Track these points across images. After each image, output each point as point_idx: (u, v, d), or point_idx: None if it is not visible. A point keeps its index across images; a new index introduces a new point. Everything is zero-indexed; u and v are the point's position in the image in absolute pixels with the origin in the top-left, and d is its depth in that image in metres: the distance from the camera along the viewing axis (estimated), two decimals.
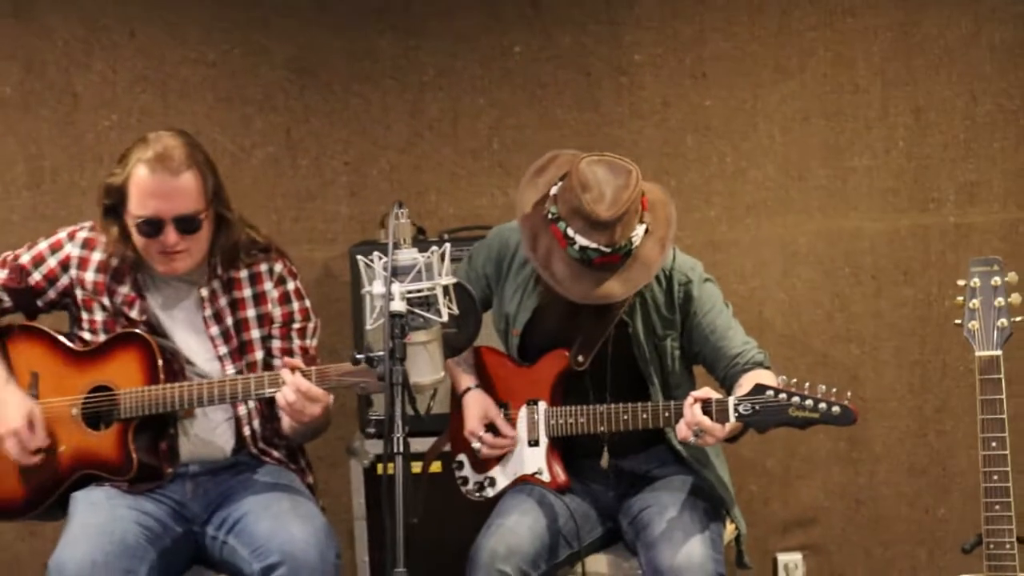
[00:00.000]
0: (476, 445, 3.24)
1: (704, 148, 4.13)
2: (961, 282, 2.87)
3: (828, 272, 4.17)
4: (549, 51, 4.09)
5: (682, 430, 2.93)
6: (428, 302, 2.51)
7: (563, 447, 3.24)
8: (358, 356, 2.57)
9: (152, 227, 3.03)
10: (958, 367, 4.15)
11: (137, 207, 3.03)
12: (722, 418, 2.88)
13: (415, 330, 2.50)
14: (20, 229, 4.01)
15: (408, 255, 2.51)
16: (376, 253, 2.55)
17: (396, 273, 2.49)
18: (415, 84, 4.10)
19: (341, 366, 2.95)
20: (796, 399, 2.84)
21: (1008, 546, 2.79)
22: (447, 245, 2.61)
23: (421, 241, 3.61)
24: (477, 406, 3.27)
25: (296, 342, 3.25)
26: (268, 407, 3.19)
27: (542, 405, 3.21)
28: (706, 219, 4.12)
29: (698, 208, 4.10)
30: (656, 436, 3.21)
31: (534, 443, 3.22)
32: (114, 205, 3.10)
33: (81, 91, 4.07)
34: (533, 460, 3.22)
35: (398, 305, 2.46)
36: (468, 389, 3.31)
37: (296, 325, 3.25)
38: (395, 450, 2.37)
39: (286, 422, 3.10)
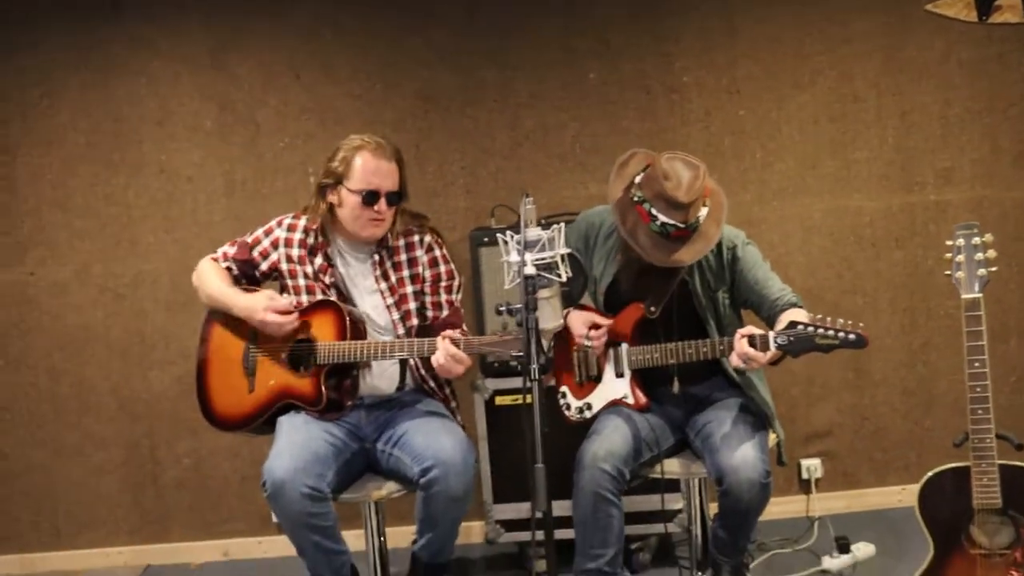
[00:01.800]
0: (587, 343, 3.23)
1: (739, 147, 4.15)
2: (949, 242, 2.88)
3: (837, 241, 4.19)
4: (616, 76, 4.12)
5: (733, 359, 2.95)
6: (550, 267, 2.57)
7: (643, 377, 3.25)
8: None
9: (372, 197, 3.14)
10: (939, 312, 4.18)
11: (360, 183, 3.15)
12: (764, 348, 2.88)
13: (542, 288, 2.56)
14: (220, 227, 4.12)
15: (535, 232, 2.57)
16: (510, 232, 2.60)
17: (526, 246, 2.55)
18: (513, 105, 4.14)
19: (483, 338, 3.01)
20: (821, 330, 2.84)
21: (988, 440, 2.81)
22: (563, 224, 2.61)
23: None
24: (579, 317, 3.28)
25: (444, 296, 3.29)
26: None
27: (624, 346, 3.23)
28: (743, 202, 4.12)
29: (736, 194, 4.08)
30: (715, 367, 3.23)
31: (620, 375, 3.25)
32: (326, 186, 3.19)
33: (261, 121, 4.15)
34: (620, 388, 3.25)
35: (529, 269, 2.53)
36: (568, 311, 3.28)
37: (443, 283, 3.29)
38: (532, 377, 2.45)
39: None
